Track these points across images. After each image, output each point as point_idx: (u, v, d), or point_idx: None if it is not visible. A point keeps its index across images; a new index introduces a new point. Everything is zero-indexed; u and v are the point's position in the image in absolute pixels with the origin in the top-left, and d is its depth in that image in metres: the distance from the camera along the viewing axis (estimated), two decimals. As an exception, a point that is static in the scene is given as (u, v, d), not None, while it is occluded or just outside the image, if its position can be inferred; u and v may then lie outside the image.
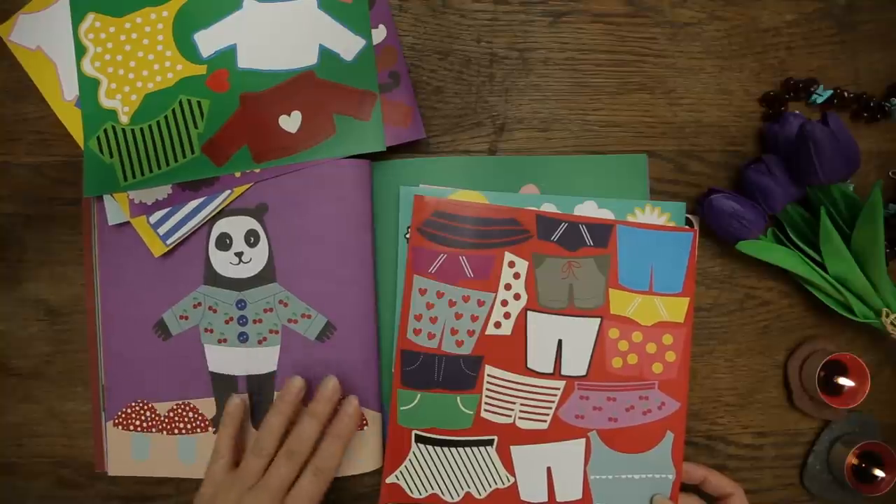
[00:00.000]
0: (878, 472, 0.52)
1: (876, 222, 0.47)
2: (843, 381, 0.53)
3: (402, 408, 0.50)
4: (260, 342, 0.50)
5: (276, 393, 0.50)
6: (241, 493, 0.44)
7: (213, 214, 0.49)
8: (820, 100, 0.53)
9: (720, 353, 0.54)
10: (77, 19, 0.50)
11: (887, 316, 0.49)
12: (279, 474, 0.44)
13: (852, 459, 0.52)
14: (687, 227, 0.51)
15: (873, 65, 0.55)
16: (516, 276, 0.50)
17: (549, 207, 0.50)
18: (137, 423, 0.50)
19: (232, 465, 0.46)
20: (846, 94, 0.53)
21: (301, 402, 0.48)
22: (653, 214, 0.51)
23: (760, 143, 0.54)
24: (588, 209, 0.50)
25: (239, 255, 0.50)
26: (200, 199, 0.49)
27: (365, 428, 0.50)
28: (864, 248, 0.49)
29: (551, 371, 0.50)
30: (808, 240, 0.52)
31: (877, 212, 0.47)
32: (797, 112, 0.51)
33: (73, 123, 0.50)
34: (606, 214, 0.51)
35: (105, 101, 0.49)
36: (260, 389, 0.50)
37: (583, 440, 0.51)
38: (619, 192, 0.52)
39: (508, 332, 0.50)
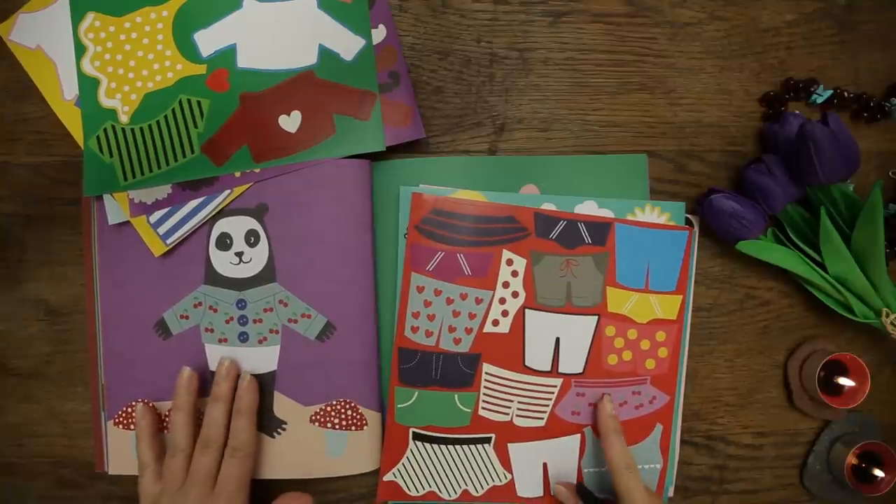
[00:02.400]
0: (878, 472, 0.52)
1: (876, 222, 0.47)
2: (843, 381, 0.52)
3: (399, 405, 0.50)
4: (260, 342, 0.50)
5: (275, 393, 0.50)
6: (172, 497, 0.45)
7: (212, 214, 0.49)
8: (820, 100, 0.53)
9: (720, 353, 0.54)
10: (77, 19, 0.50)
11: (887, 316, 0.49)
12: (201, 466, 0.45)
13: (852, 459, 0.52)
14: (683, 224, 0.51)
15: (873, 65, 0.54)
16: (514, 273, 0.50)
17: (549, 207, 0.50)
18: (138, 422, 0.50)
19: (159, 473, 0.47)
20: (846, 94, 0.53)
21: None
22: (653, 214, 0.51)
23: (760, 143, 0.54)
24: (588, 209, 0.50)
25: (239, 254, 0.50)
26: (200, 199, 0.49)
27: (365, 428, 0.50)
28: (864, 248, 0.49)
29: (549, 369, 0.50)
30: (808, 240, 0.52)
31: (877, 212, 0.47)
32: (797, 112, 0.51)
33: (73, 123, 0.50)
34: (606, 214, 0.50)
35: (105, 101, 0.49)
36: (261, 389, 0.50)
37: (578, 436, 0.51)
38: (619, 192, 0.52)
39: (506, 330, 0.50)
